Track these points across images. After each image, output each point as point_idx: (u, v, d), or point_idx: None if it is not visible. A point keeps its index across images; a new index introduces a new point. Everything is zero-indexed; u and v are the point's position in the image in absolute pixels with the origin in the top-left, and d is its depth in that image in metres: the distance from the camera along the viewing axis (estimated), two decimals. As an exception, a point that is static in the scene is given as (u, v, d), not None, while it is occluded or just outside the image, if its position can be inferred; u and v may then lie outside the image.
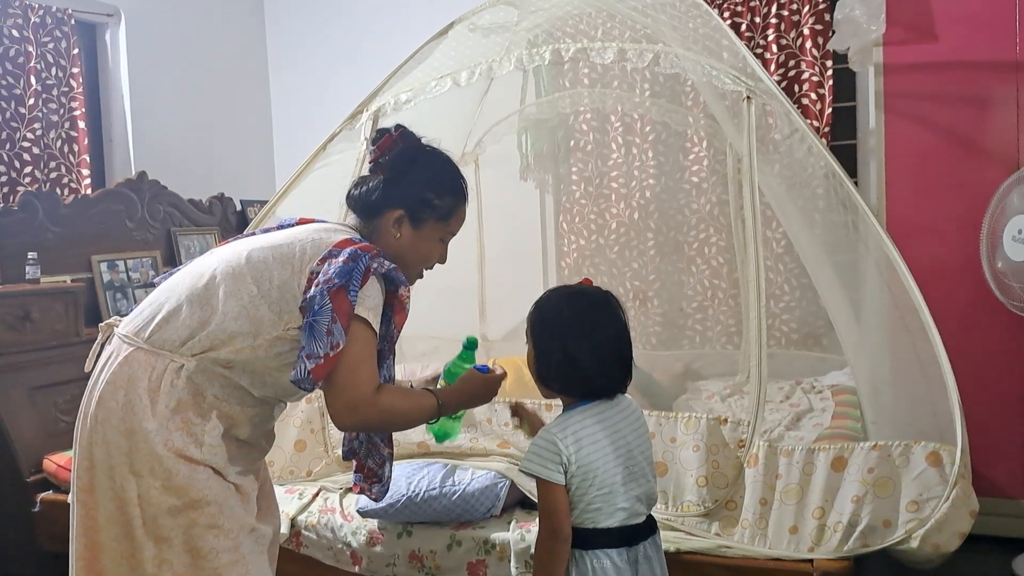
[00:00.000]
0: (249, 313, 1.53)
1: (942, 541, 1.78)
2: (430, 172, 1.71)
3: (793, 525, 1.89)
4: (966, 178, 2.88)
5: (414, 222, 1.68)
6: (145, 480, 1.48)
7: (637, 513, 1.56)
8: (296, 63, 4.59)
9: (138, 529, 1.49)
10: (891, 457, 1.86)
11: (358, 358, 1.50)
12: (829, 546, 1.85)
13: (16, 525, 2.65)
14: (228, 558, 1.52)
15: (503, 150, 3.85)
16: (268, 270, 1.55)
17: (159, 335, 1.53)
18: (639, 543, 1.55)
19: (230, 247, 1.65)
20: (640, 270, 3.83)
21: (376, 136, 1.71)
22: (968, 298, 2.87)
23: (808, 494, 1.90)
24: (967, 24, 2.87)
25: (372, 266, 1.53)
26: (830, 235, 2.41)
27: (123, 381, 1.51)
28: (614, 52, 2.24)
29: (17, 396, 2.75)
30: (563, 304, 1.60)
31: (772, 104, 2.20)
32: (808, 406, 2.86)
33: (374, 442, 1.74)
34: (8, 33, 3.34)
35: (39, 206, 3.10)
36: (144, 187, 3.57)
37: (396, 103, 2.51)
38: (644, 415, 1.67)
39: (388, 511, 2.10)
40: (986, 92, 2.87)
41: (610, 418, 1.56)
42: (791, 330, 3.55)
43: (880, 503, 1.84)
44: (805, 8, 3.52)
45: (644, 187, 3.80)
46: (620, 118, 3.82)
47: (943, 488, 1.80)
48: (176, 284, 1.60)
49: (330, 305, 1.47)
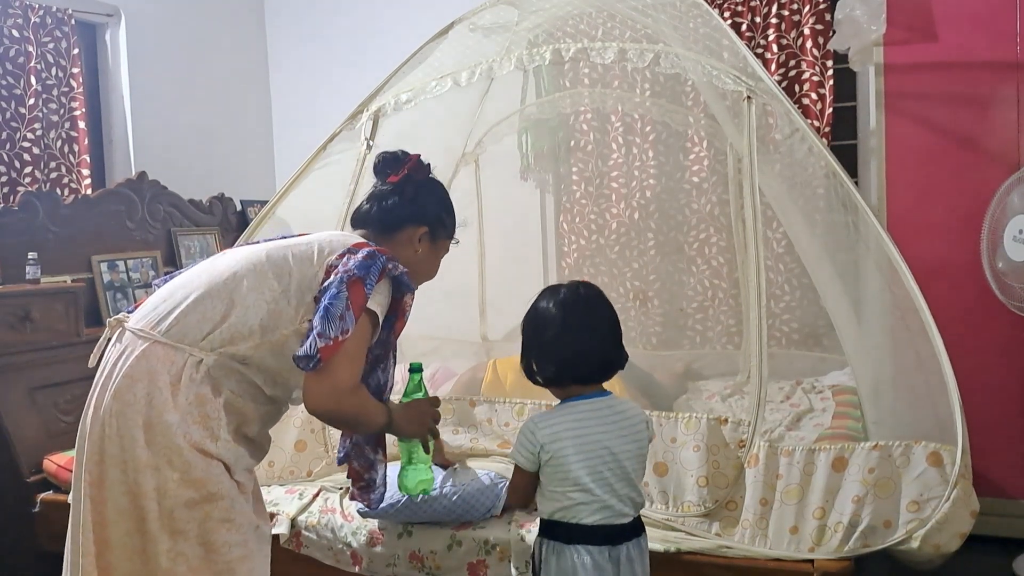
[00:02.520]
0: (270, 308, 1.58)
1: (942, 541, 1.78)
2: (443, 195, 1.88)
3: (794, 525, 1.89)
4: (966, 178, 2.88)
5: (433, 239, 1.82)
6: (163, 472, 1.50)
7: (622, 514, 1.59)
8: (296, 63, 4.59)
9: (153, 522, 1.50)
10: (891, 457, 1.86)
11: (357, 350, 1.57)
12: (830, 546, 1.85)
13: (16, 525, 2.65)
14: (239, 552, 1.56)
15: (503, 150, 3.85)
16: (288, 266, 1.62)
17: (178, 329, 1.56)
18: (623, 543, 1.59)
19: (246, 248, 1.71)
20: (640, 270, 3.83)
21: (391, 159, 1.82)
22: (968, 298, 2.87)
23: (809, 494, 1.89)
24: (967, 24, 2.87)
25: (388, 266, 1.61)
26: (830, 235, 2.41)
27: (142, 374, 1.52)
28: (614, 52, 2.24)
29: (17, 396, 2.75)
30: (544, 301, 1.68)
31: (773, 104, 2.20)
32: (808, 406, 2.86)
33: (359, 444, 1.80)
34: (8, 33, 3.34)
35: (39, 206, 3.10)
36: (144, 187, 3.57)
37: (397, 103, 2.51)
38: (646, 422, 1.68)
39: (388, 511, 2.10)
40: (986, 92, 2.87)
41: (596, 418, 1.61)
42: (791, 330, 3.55)
43: (881, 503, 1.83)
44: (805, 8, 3.52)
45: (644, 187, 3.79)
46: (620, 118, 3.82)
47: (944, 488, 1.80)
48: (191, 280, 1.63)
49: (346, 293, 1.53)
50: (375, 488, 1.84)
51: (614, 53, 2.24)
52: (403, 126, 2.65)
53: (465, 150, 3.73)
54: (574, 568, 1.57)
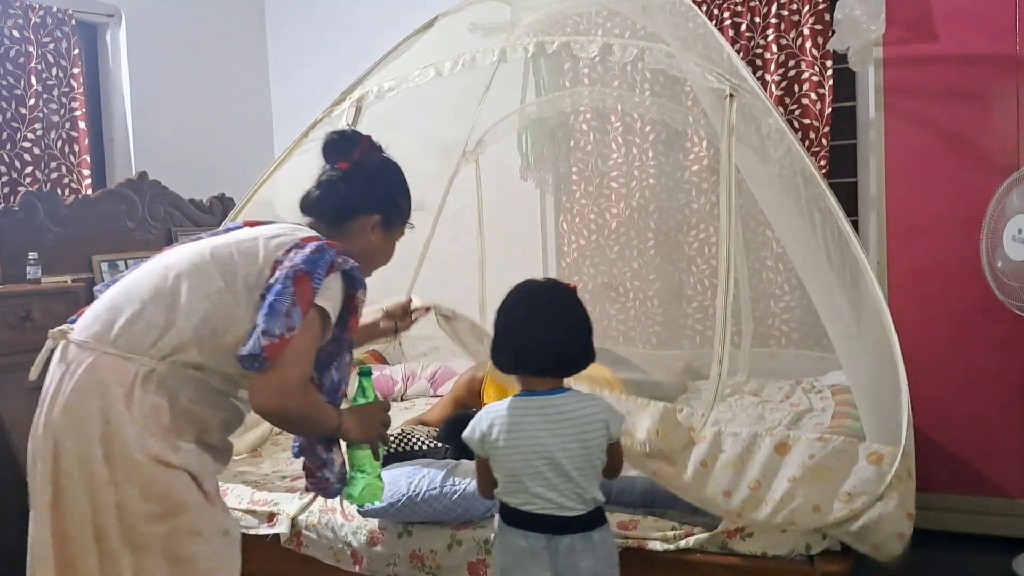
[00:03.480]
0: (218, 309, 1.51)
1: (879, 541, 1.79)
2: (398, 178, 1.79)
3: (727, 490, 1.91)
4: (966, 177, 2.88)
5: (386, 226, 1.75)
6: (122, 488, 1.44)
7: (564, 507, 1.62)
8: (297, 63, 4.59)
9: (114, 539, 1.45)
10: (834, 450, 1.87)
11: (305, 347, 1.50)
12: (757, 515, 1.87)
13: (16, 524, 2.64)
14: (210, 564, 1.51)
15: (504, 150, 3.85)
16: (233, 264, 1.54)
17: (125, 339, 1.49)
18: (564, 535, 1.62)
19: (189, 246, 1.63)
20: (640, 270, 3.83)
21: (340, 142, 1.72)
22: (968, 298, 2.87)
23: (747, 468, 1.91)
24: (967, 23, 2.87)
25: (337, 261, 1.54)
26: (810, 237, 2.42)
27: (93, 388, 1.46)
28: (598, 46, 2.25)
29: (17, 396, 2.75)
30: (511, 294, 1.73)
31: (755, 104, 2.21)
32: (808, 406, 2.87)
33: (310, 443, 1.70)
34: (9, 33, 3.34)
35: (40, 206, 3.10)
36: (145, 187, 3.57)
37: (380, 91, 2.54)
38: (605, 423, 1.67)
39: (389, 511, 2.10)
40: (986, 92, 2.87)
41: (537, 416, 1.65)
42: (791, 330, 3.55)
43: (814, 488, 1.85)
44: (805, 8, 3.52)
45: (644, 187, 3.80)
46: (620, 118, 3.82)
47: (879, 486, 1.81)
48: (134, 286, 1.56)
49: (292, 289, 1.46)
50: (331, 484, 1.72)
51: (598, 47, 2.25)
52: (387, 114, 2.68)
53: (466, 149, 3.74)
54: (510, 548, 1.66)
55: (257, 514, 2.30)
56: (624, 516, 2.04)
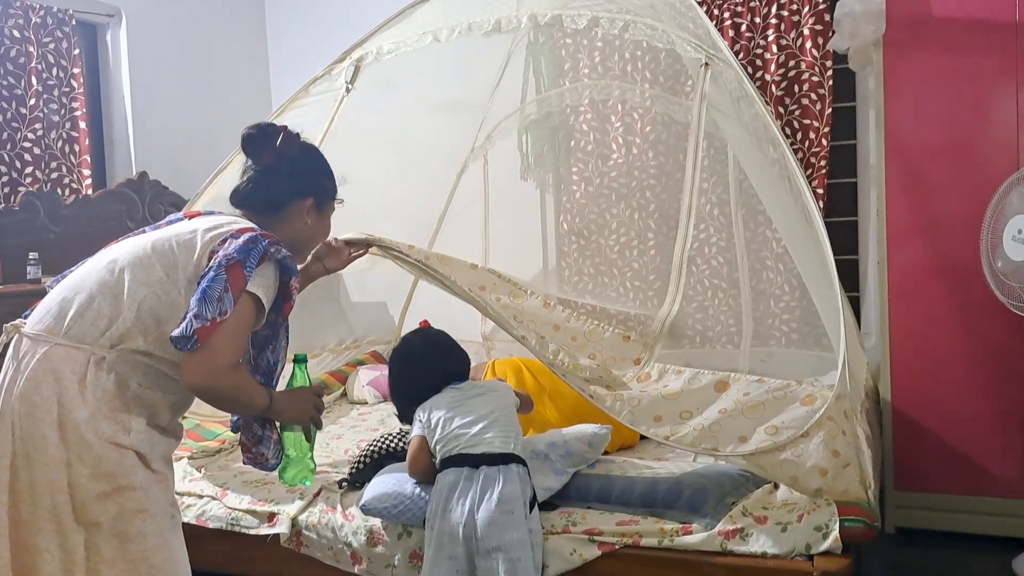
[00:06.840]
0: (161, 300, 1.59)
1: (799, 474, 1.83)
2: (319, 161, 1.90)
3: (659, 415, 1.94)
4: (966, 178, 2.88)
5: (319, 207, 1.86)
6: (75, 467, 1.51)
7: (489, 444, 1.95)
8: (297, 63, 4.59)
9: (66, 516, 1.52)
10: (770, 390, 1.92)
11: (236, 330, 1.58)
12: (682, 439, 1.90)
13: None
14: (154, 542, 1.58)
15: (504, 150, 3.86)
16: (173, 256, 1.62)
17: (76, 330, 1.57)
18: (481, 466, 1.92)
19: (132, 240, 1.72)
20: (640, 270, 3.84)
21: (258, 137, 1.81)
22: (968, 298, 2.87)
23: (683, 400, 1.95)
24: (967, 23, 2.86)
25: (270, 251, 1.62)
26: (785, 194, 2.47)
27: (46, 375, 1.53)
28: (587, 19, 2.34)
29: (18, 396, 2.75)
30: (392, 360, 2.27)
31: (727, 73, 2.28)
32: (808, 405, 2.86)
33: (247, 420, 1.82)
34: (9, 33, 3.34)
35: (40, 206, 3.10)
36: (145, 187, 3.58)
37: (379, 53, 2.64)
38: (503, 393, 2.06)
39: (390, 512, 2.11)
40: (986, 92, 2.87)
41: (456, 395, 2.07)
42: (791, 330, 3.56)
43: (743, 421, 1.89)
44: (805, 8, 3.52)
45: (644, 187, 3.80)
46: (620, 118, 3.82)
47: (806, 423, 1.85)
48: (83, 279, 1.64)
49: (224, 276, 1.55)
50: (267, 460, 1.84)
51: (587, 20, 2.34)
52: (386, 74, 2.82)
53: (475, 144, 3.76)
54: (443, 485, 1.94)
55: (257, 514, 2.30)
56: (624, 516, 2.04)
